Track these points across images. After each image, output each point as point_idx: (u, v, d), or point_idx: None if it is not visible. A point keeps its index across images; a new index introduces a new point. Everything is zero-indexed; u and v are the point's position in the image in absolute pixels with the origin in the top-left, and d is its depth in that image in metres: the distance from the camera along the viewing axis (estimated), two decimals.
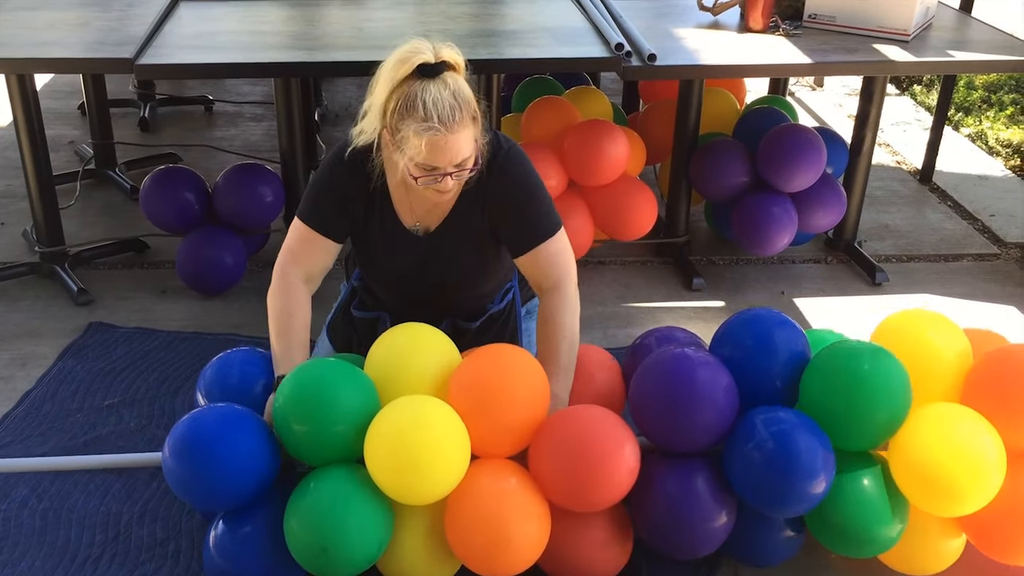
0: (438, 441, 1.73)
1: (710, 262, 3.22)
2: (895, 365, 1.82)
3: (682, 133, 3.04)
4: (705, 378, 1.82)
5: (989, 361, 1.89)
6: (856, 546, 1.86)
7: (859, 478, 1.84)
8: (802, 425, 1.79)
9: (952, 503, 1.80)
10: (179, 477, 1.76)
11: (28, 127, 2.79)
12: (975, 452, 1.78)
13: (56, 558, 1.96)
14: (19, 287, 2.93)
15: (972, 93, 4.64)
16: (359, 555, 1.75)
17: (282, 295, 2.01)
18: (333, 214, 2.03)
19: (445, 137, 1.80)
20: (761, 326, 1.90)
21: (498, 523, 1.75)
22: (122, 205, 3.46)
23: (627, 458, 1.79)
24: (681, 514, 1.82)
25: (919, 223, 3.54)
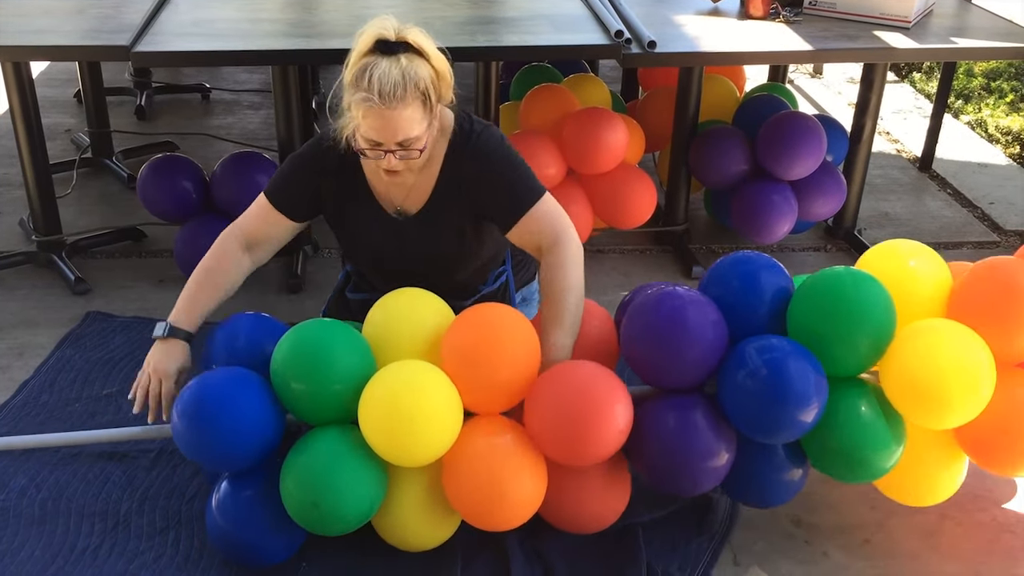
0: (430, 407, 1.77)
1: (709, 250, 3.21)
2: (876, 286, 1.85)
3: (681, 121, 3.03)
4: (694, 312, 1.84)
5: (972, 275, 1.91)
6: (855, 470, 1.88)
7: (852, 401, 1.85)
8: (792, 350, 1.81)
9: (944, 412, 1.81)
10: (187, 438, 1.81)
11: (24, 115, 2.78)
12: (963, 359, 1.80)
13: (55, 547, 1.96)
14: (16, 276, 2.92)
15: (972, 80, 4.63)
16: (350, 512, 1.80)
17: (211, 254, 2.05)
18: (296, 195, 2.06)
19: (382, 111, 1.82)
20: (747, 266, 1.93)
21: (494, 478, 1.78)
22: (119, 194, 3.45)
23: (618, 417, 1.79)
24: (680, 450, 1.83)
25: (919, 211, 3.53)
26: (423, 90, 1.85)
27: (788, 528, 2.09)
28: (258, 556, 1.90)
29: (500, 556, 1.94)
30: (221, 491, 1.89)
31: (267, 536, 1.87)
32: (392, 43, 1.84)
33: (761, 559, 2.01)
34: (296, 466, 1.81)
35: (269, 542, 1.88)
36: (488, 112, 2.94)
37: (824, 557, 2.02)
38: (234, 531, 1.87)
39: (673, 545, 2.01)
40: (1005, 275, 1.87)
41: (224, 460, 1.86)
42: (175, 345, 1.97)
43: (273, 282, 2.95)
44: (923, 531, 2.08)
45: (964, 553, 2.04)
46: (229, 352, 1.96)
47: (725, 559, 2.00)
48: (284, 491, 1.82)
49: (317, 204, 2.09)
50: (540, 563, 1.94)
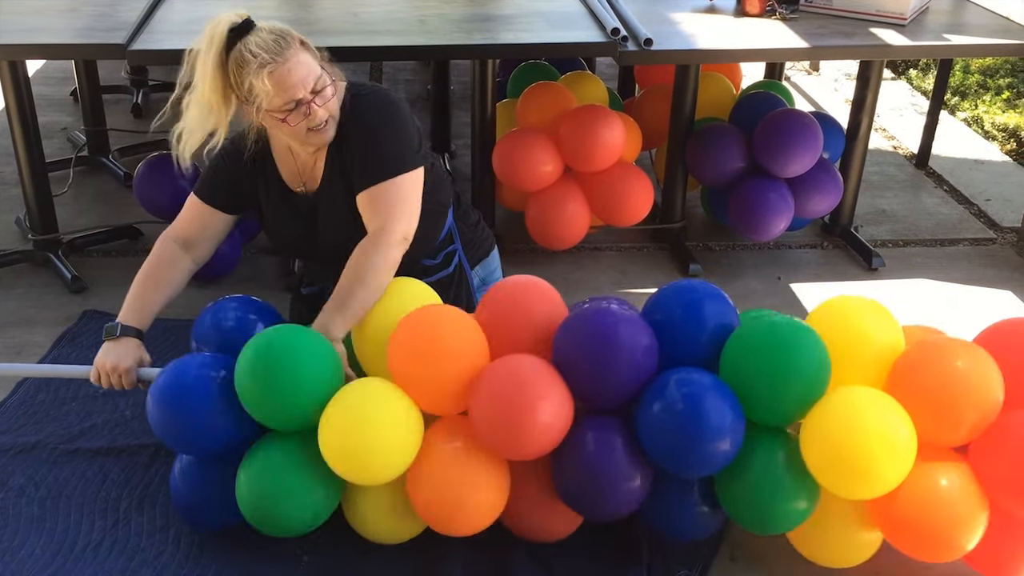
0: (388, 437, 1.78)
1: (706, 248, 3.22)
2: (814, 341, 1.80)
3: (678, 118, 3.03)
4: (625, 333, 1.81)
5: (913, 353, 1.85)
6: (761, 520, 1.85)
7: (769, 451, 1.82)
8: (714, 387, 1.78)
9: (856, 482, 1.77)
10: (159, 422, 1.87)
11: (20, 114, 2.77)
12: (884, 433, 1.74)
13: (56, 545, 1.96)
14: (12, 275, 2.91)
15: (968, 77, 4.64)
16: (293, 523, 1.86)
17: (148, 259, 2.12)
18: (219, 187, 2.13)
19: (283, 66, 1.89)
20: (692, 296, 1.90)
21: (452, 485, 1.80)
22: (115, 192, 3.44)
23: (544, 410, 1.77)
24: (595, 473, 1.82)
25: (915, 208, 3.54)
26: (298, 38, 1.94)
27: None
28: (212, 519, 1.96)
29: (501, 554, 1.94)
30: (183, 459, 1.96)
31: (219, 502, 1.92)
32: (242, 23, 1.91)
33: (758, 555, 2.01)
34: (248, 470, 1.86)
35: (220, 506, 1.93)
36: (485, 110, 2.95)
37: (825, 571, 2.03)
38: (189, 493, 1.94)
39: (674, 542, 2.01)
40: (944, 357, 1.81)
41: (195, 445, 1.89)
42: (128, 343, 2.01)
43: (269, 280, 2.95)
44: None
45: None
46: (218, 333, 1.99)
47: (722, 556, 2.01)
48: (238, 488, 1.87)
49: (240, 195, 2.14)
50: (541, 560, 1.95)
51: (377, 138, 2.02)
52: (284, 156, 2.12)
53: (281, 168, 2.13)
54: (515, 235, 3.14)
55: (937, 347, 1.85)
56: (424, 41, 2.60)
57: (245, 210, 2.18)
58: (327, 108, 1.97)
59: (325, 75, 1.96)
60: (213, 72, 1.91)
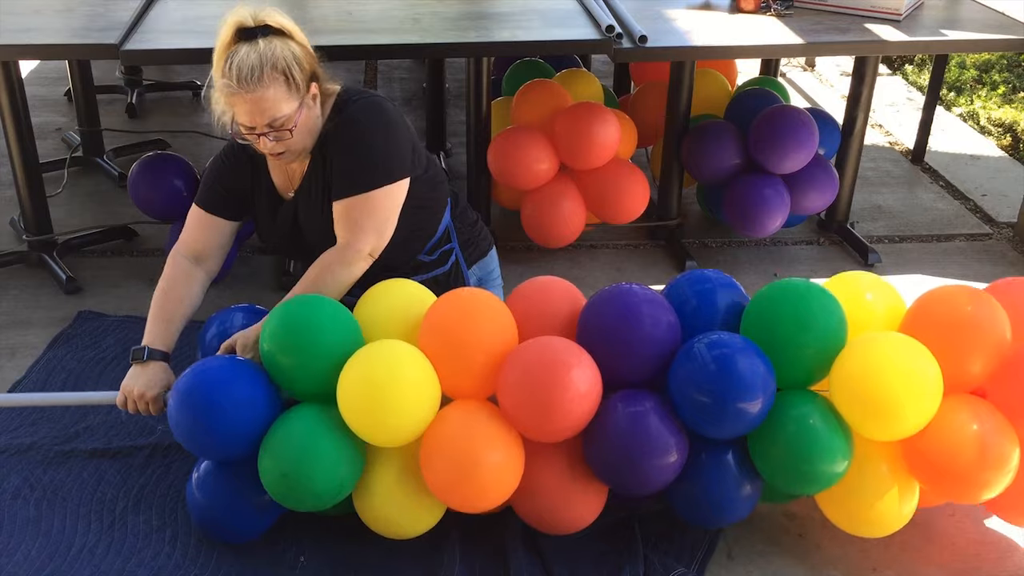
0: (406, 385, 1.79)
1: (703, 244, 3.21)
2: (829, 297, 1.89)
3: (673, 115, 3.02)
4: (648, 310, 1.88)
5: (924, 298, 1.94)
6: (798, 478, 1.87)
7: (800, 409, 1.86)
8: (743, 344, 1.84)
9: (888, 419, 1.81)
10: (184, 428, 1.84)
11: (13, 114, 2.76)
12: (910, 366, 1.81)
13: (52, 547, 1.95)
14: (7, 276, 2.91)
15: (964, 72, 4.63)
16: (319, 487, 1.82)
17: (163, 276, 2.11)
18: (218, 193, 2.13)
19: (242, 96, 1.88)
20: (704, 285, 1.98)
21: (466, 455, 1.80)
22: (110, 192, 3.44)
23: (577, 381, 1.79)
24: (630, 446, 1.83)
25: (911, 203, 3.54)
26: (283, 70, 1.90)
27: (781, 521, 2.09)
28: (232, 531, 1.95)
29: (499, 551, 1.94)
30: (201, 469, 1.94)
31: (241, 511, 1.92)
32: (251, 28, 1.89)
33: (755, 552, 2.01)
34: (273, 438, 1.84)
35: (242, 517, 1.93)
36: (480, 108, 2.94)
37: (817, 549, 2.03)
38: (209, 505, 1.92)
39: (670, 538, 2.01)
40: (955, 301, 1.91)
41: (219, 449, 1.87)
42: (156, 368, 1.99)
43: (266, 280, 2.95)
44: (917, 523, 2.08)
45: (957, 542, 2.05)
46: (222, 342, 1.98)
47: (719, 553, 2.01)
48: (260, 464, 1.85)
49: (238, 200, 2.14)
50: (538, 558, 1.94)
51: (355, 150, 2.01)
52: (273, 160, 2.12)
53: (273, 172, 2.14)
54: (511, 233, 3.13)
55: (946, 292, 1.94)
56: (419, 39, 2.59)
57: (245, 215, 2.18)
58: (283, 144, 1.96)
59: (292, 116, 1.92)
60: (215, 60, 1.93)
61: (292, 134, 1.95)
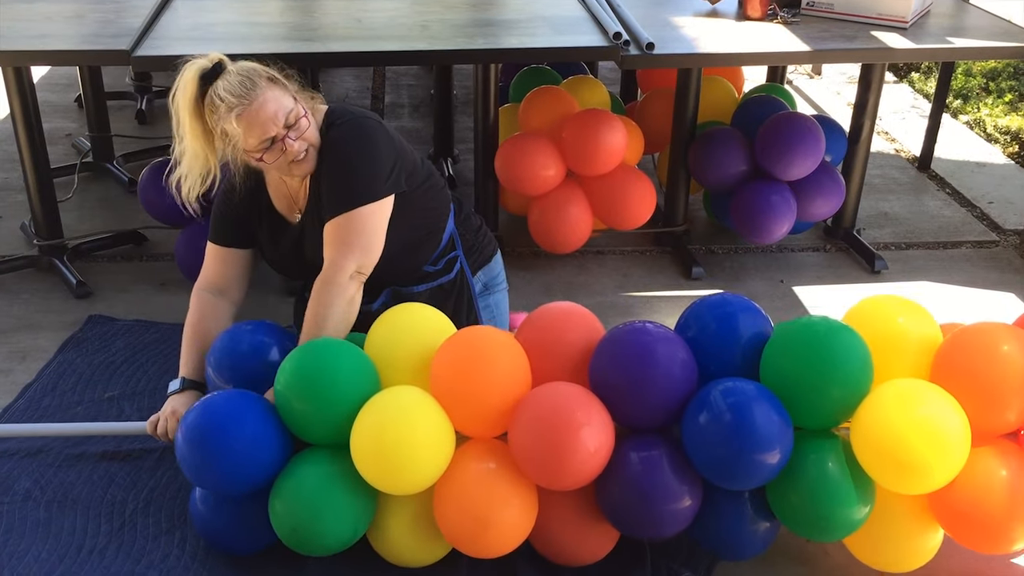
0: (420, 440, 1.78)
1: (709, 251, 3.22)
2: (854, 338, 1.80)
3: (680, 122, 3.04)
4: (663, 351, 1.82)
5: (955, 339, 1.84)
6: (820, 526, 1.82)
7: (820, 455, 1.80)
8: (758, 394, 1.77)
9: (912, 476, 1.74)
10: (191, 464, 1.84)
11: (25, 120, 2.79)
12: (935, 424, 1.73)
13: (62, 549, 1.96)
14: (18, 280, 2.92)
15: (970, 80, 4.64)
16: (331, 543, 1.85)
17: (190, 311, 2.15)
18: (228, 226, 2.16)
19: (250, 106, 1.91)
20: (725, 309, 1.91)
21: (480, 507, 1.79)
22: (120, 198, 3.46)
23: (586, 439, 1.76)
24: (643, 493, 1.81)
25: (918, 210, 3.54)
26: (264, 74, 1.94)
27: None
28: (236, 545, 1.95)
29: (506, 560, 1.94)
30: None
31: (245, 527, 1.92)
32: (211, 68, 1.93)
33: (762, 559, 2.01)
34: (284, 488, 1.85)
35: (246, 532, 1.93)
36: (487, 114, 2.96)
37: (825, 556, 2.03)
38: (212, 519, 1.93)
39: (678, 543, 2.01)
40: (987, 341, 1.80)
41: (229, 484, 1.86)
42: (191, 395, 2.06)
43: (272, 284, 2.96)
44: None
45: (967, 551, 2.04)
46: (232, 359, 1.99)
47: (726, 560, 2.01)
48: (272, 509, 1.86)
49: (248, 228, 2.16)
50: (545, 564, 1.95)
51: (340, 171, 2.03)
52: (277, 186, 2.14)
53: (275, 198, 2.15)
54: (518, 239, 3.14)
55: (980, 332, 1.83)
56: (427, 46, 2.61)
57: (257, 242, 2.20)
58: (304, 139, 1.98)
59: (298, 107, 1.97)
60: (191, 121, 1.94)
61: (309, 121, 1.98)
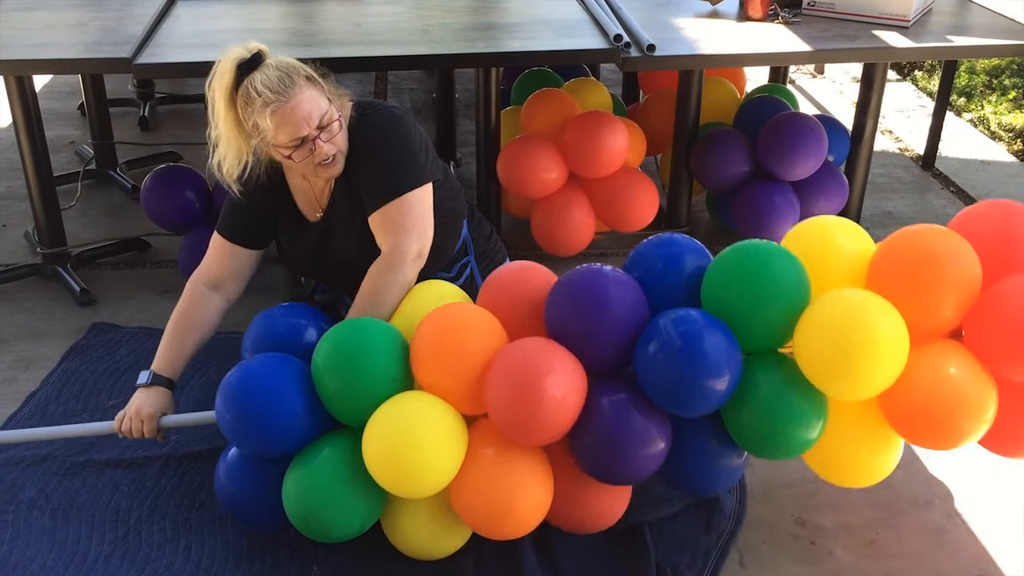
0: (432, 446, 1.77)
1: (713, 252, 3.21)
2: (786, 256, 1.82)
3: (682, 123, 3.03)
4: (614, 291, 1.83)
5: (886, 245, 1.86)
6: (777, 444, 1.84)
7: (767, 374, 1.82)
8: (705, 321, 1.79)
9: (855, 379, 1.75)
10: (230, 424, 1.86)
11: (28, 128, 2.79)
12: (871, 325, 1.74)
13: (67, 557, 1.97)
14: (21, 288, 2.93)
15: (974, 78, 4.62)
16: (338, 534, 1.87)
17: (181, 300, 2.11)
18: (240, 223, 2.13)
19: (287, 105, 1.89)
20: (670, 248, 1.93)
21: (500, 491, 1.79)
22: (123, 205, 3.46)
23: (551, 387, 1.75)
24: (612, 438, 1.81)
25: (922, 209, 3.53)
26: (304, 74, 1.93)
27: (793, 528, 2.09)
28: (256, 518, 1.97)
29: (511, 558, 1.95)
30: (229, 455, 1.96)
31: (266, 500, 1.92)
32: (250, 59, 1.91)
33: (767, 560, 2.01)
34: (299, 472, 1.86)
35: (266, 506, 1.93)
36: (489, 117, 2.96)
37: (829, 557, 2.02)
38: (236, 490, 1.94)
39: (681, 544, 2.01)
40: (917, 243, 1.82)
41: (267, 445, 1.88)
42: (158, 392, 2.03)
43: (277, 290, 2.96)
44: (929, 530, 2.08)
45: (969, 550, 2.04)
46: (269, 340, 1.99)
47: (731, 560, 2.00)
48: (285, 490, 1.87)
49: (262, 229, 2.14)
50: (550, 565, 1.95)
51: (383, 158, 2.02)
52: (299, 183, 2.13)
53: (296, 195, 2.14)
54: (521, 242, 3.14)
55: (909, 234, 1.85)
56: (428, 50, 2.61)
57: (268, 241, 2.18)
58: (334, 143, 1.98)
59: (333, 110, 1.96)
60: (225, 109, 1.93)
61: (341, 126, 1.97)
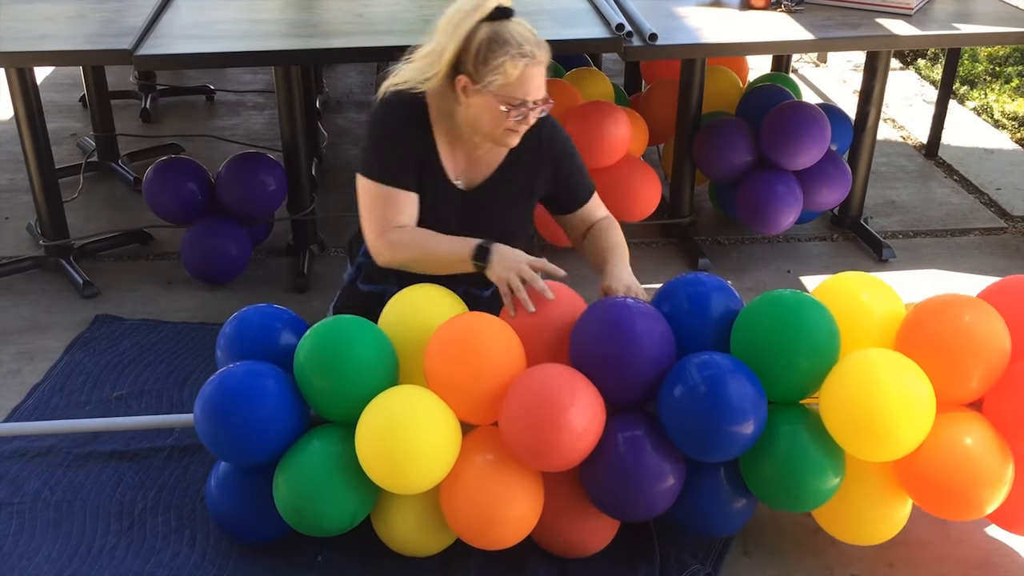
0: (426, 442, 1.77)
1: (715, 242, 3.21)
2: (820, 310, 1.83)
3: (684, 113, 3.02)
4: (641, 323, 1.82)
5: (920, 310, 1.88)
6: (791, 497, 1.84)
7: (791, 426, 1.83)
8: (733, 367, 1.79)
9: (879, 441, 1.77)
10: (210, 436, 1.86)
11: (29, 121, 2.79)
12: (901, 389, 1.75)
13: (72, 549, 1.97)
14: (25, 281, 2.93)
15: (977, 66, 4.61)
16: (330, 526, 1.87)
17: (408, 235, 2.00)
18: (402, 164, 2.02)
19: (536, 66, 1.91)
20: (698, 288, 1.93)
21: (488, 498, 1.79)
22: (126, 197, 3.46)
23: (573, 420, 1.74)
24: (626, 474, 1.80)
25: (925, 198, 3.52)
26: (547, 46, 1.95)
27: (797, 517, 2.09)
28: (250, 532, 1.96)
29: (515, 551, 1.94)
30: (220, 469, 1.96)
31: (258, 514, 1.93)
32: (506, 9, 1.92)
33: (771, 549, 2.01)
34: (290, 466, 1.86)
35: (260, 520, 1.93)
36: None
37: (833, 545, 2.02)
38: (229, 507, 1.94)
39: (685, 534, 2.00)
40: (951, 312, 1.84)
41: (246, 454, 1.88)
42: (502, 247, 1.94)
43: (280, 281, 2.96)
44: (931, 519, 2.08)
45: (973, 536, 2.04)
46: (242, 345, 1.97)
47: (735, 549, 2.00)
48: (276, 486, 1.88)
49: (413, 168, 2.03)
50: (555, 559, 1.95)
51: (576, 154, 2.18)
52: (452, 142, 2.05)
53: (444, 153, 2.05)
54: None
55: (943, 303, 1.87)
56: None
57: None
58: (533, 121, 1.99)
59: None
60: (464, 35, 1.89)
61: (545, 112, 2.00)
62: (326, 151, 3.82)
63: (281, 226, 3.09)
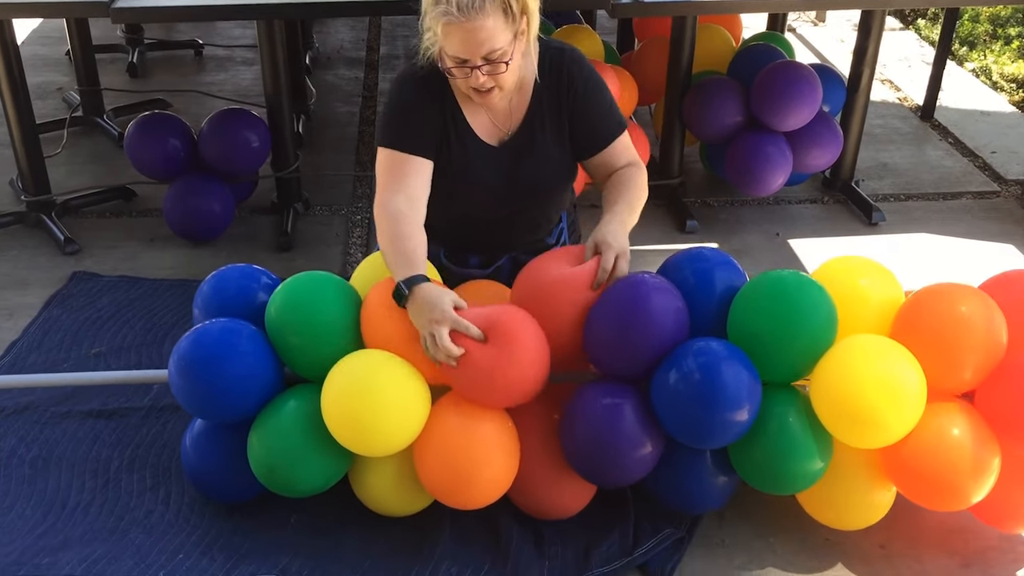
0: (391, 403, 1.75)
1: (704, 204, 3.18)
2: (819, 292, 1.80)
3: (675, 72, 2.97)
4: (658, 299, 1.80)
5: (917, 299, 1.84)
6: (777, 480, 1.83)
7: (782, 409, 1.80)
8: (729, 355, 1.76)
9: (868, 429, 1.75)
10: (185, 392, 1.85)
11: (8, 74, 2.75)
12: (892, 377, 1.73)
13: (46, 506, 1.97)
14: (5, 237, 2.91)
15: (977, 26, 4.53)
16: (305, 487, 1.87)
17: (388, 222, 1.87)
18: (416, 132, 1.94)
19: (461, 24, 1.76)
20: (704, 263, 1.90)
21: (462, 459, 1.78)
22: (110, 153, 3.43)
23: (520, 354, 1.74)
24: (605, 439, 1.79)
25: (918, 161, 3.48)
26: (502, 3, 1.78)
27: None
28: (224, 492, 1.96)
29: (488, 513, 1.94)
30: (195, 428, 1.95)
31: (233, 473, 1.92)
32: None
33: (746, 511, 2.00)
34: (265, 427, 1.85)
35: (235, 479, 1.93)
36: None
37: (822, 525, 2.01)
38: (203, 465, 1.93)
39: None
40: (948, 301, 1.81)
41: (221, 412, 1.87)
42: (425, 288, 1.79)
43: (264, 240, 2.94)
44: None
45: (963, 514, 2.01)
46: (220, 304, 1.96)
47: (709, 513, 2.00)
48: (250, 446, 1.87)
49: (431, 137, 1.96)
50: (528, 519, 1.95)
51: (607, 92, 2.05)
52: (467, 99, 1.96)
53: (470, 114, 1.98)
54: None
55: (941, 291, 1.84)
56: None
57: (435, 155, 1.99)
58: (497, 80, 1.86)
59: (509, 50, 1.82)
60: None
61: (507, 67, 1.85)
62: (314, 108, 3.78)
63: (266, 184, 3.06)
